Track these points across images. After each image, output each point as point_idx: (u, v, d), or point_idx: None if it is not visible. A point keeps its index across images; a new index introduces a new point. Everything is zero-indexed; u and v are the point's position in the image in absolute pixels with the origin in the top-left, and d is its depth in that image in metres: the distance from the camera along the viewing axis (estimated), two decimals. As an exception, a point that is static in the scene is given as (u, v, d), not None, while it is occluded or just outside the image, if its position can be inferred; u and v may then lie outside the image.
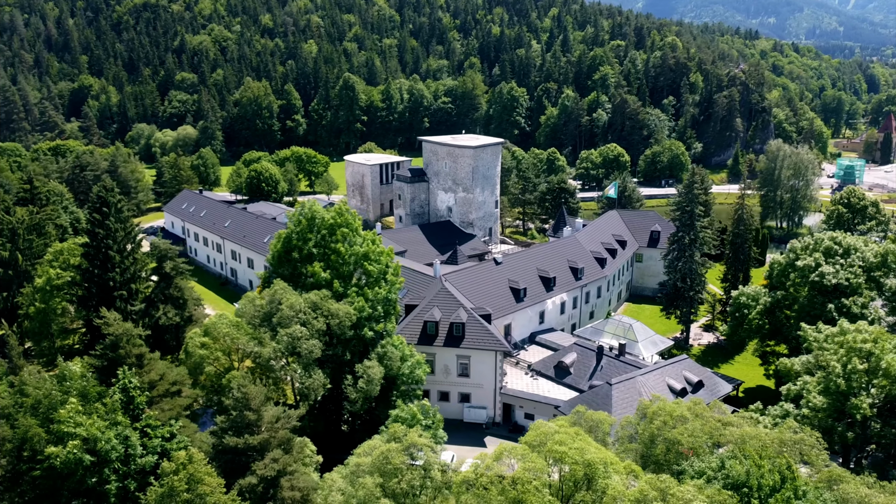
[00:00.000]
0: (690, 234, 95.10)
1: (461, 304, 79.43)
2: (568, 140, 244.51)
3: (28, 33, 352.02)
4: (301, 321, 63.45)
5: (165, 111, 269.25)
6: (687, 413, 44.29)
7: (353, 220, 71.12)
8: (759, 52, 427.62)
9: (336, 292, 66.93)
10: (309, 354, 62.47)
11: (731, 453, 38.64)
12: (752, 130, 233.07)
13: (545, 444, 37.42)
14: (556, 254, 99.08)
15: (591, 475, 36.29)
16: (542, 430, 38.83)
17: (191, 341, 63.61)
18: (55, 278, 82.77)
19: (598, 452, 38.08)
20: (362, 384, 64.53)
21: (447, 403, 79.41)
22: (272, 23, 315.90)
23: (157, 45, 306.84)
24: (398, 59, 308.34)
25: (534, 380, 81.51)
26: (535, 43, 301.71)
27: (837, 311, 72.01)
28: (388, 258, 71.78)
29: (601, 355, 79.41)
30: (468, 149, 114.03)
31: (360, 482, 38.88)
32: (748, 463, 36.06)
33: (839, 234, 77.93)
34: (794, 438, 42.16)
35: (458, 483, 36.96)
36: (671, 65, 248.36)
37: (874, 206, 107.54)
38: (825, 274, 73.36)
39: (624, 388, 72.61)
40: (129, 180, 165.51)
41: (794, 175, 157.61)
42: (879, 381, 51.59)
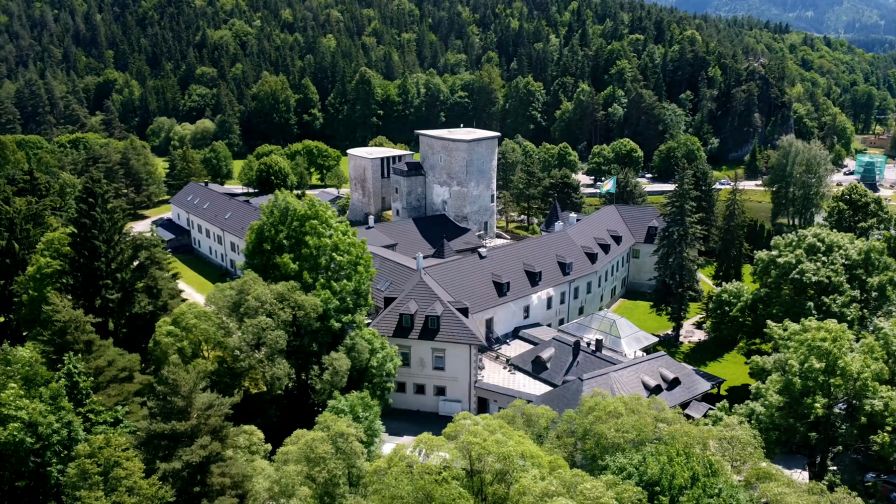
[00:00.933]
0: (680, 230, 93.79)
1: (438, 297, 79.48)
2: (583, 135, 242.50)
3: (58, 28, 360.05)
4: (267, 312, 64.17)
5: (185, 105, 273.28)
6: (622, 408, 43.79)
7: (325, 212, 71.56)
8: (787, 46, 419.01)
9: (304, 283, 67.47)
10: (274, 345, 63.23)
11: (653, 450, 38.16)
12: (770, 126, 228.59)
13: (460, 435, 37.38)
14: (544, 249, 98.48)
15: (505, 468, 36.18)
16: (461, 422, 38.78)
17: (159, 330, 64.76)
18: (45, 267, 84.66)
19: (518, 446, 37.94)
20: (328, 375, 65.01)
21: (423, 396, 79.72)
22: (292, 17, 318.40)
23: (179, 39, 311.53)
24: (416, 54, 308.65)
25: (511, 374, 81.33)
26: (553, 37, 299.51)
27: (817, 309, 70.55)
28: (360, 250, 72.05)
29: (578, 351, 78.85)
30: (462, 142, 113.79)
31: (283, 469, 39.31)
32: (663, 460, 35.61)
33: (823, 231, 76.24)
34: (728, 436, 41.47)
35: (370, 472, 37.11)
36: (689, 59, 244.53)
37: (876, 202, 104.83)
38: (805, 271, 71.89)
39: (595, 384, 71.90)
40: (141, 173, 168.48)
41: (805, 171, 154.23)
42: (835, 381, 50.38)
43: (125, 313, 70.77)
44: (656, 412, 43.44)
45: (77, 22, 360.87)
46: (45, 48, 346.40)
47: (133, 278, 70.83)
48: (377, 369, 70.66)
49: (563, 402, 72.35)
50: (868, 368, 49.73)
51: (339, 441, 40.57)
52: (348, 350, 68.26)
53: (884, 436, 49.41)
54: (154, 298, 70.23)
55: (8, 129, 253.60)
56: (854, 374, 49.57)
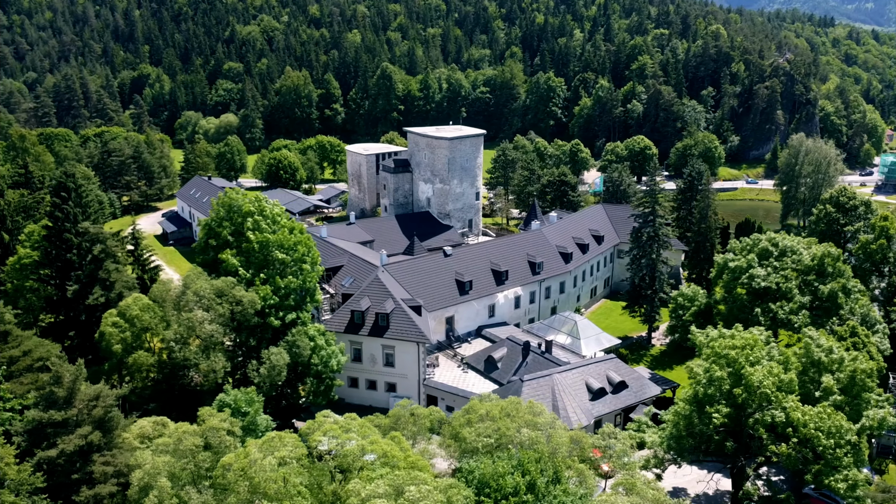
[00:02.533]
0: (650, 231, 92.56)
1: (391, 294, 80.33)
2: (602, 131, 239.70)
3: (98, 24, 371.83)
4: (205, 306, 66.01)
5: (212, 99, 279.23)
6: (496, 411, 43.95)
7: (272, 210, 73.00)
8: (830, 40, 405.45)
9: (244, 279, 69.06)
10: (208, 339, 65.07)
11: (503, 455, 38.37)
12: (794, 123, 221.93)
13: (313, 434, 38.24)
14: (515, 248, 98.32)
15: (344, 466, 36.92)
16: (319, 420, 39.62)
17: (105, 321, 67.24)
18: (25, 258, 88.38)
19: (370, 445, 38.63)
20: (264, 370, 66.61)
21: (375, 392, 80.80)
22: (319, 13, 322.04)
23: (209, 35, 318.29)
24: (441, 49, 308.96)
25: (464, 373, 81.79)
26: (578, 32, 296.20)
27: (764, 315, 69.08)
28: (305, 248, 73.27)
29: (528, 352, 78.84)
30: (444, 140, 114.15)
31: (154, 461, 40.78)
32: (501, 465, 35.88)
33: (778, 236, 74.39)
34: (602, 445, 41.38)
35: (220, 466, 38.21)
36: (712, 54, 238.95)
37: (865, 205, 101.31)
38: (755, 276, 70.39)
39: (535, 385, 72.03)
40: (153, 166, 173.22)
41: (814, 171, 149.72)
42: (738, 390, 49.45)
43: (80, 305, 73.51)
44: (531, 417, 43.38)
45: (117, 18, 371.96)
46: (85, 43, 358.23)
47: (87, 271, 73.45)
48: (321, 365, 72.01)
49: (503, 402, 72.70)
50: (770, 379, 48.65)
51: (209, 435, 41.82)
52: (290, 346, 69.79)
53: (783, 447, 48.33)
54: (107, 291, 72.71)
55: (44, 122, 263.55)
56: (755, 385, 48.56)
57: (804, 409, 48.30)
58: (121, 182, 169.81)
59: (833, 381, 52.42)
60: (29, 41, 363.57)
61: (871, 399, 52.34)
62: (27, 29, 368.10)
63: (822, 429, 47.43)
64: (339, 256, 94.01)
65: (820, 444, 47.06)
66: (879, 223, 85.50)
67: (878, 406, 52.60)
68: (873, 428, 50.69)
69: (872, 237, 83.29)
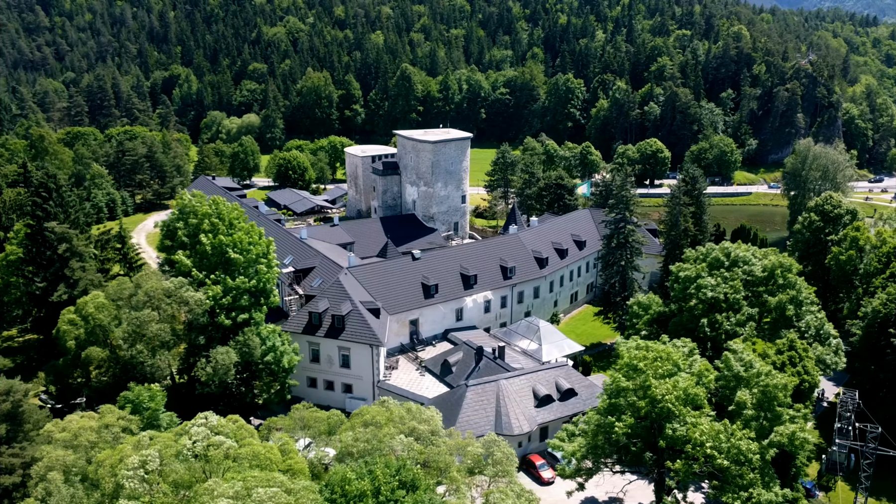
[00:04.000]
0: (619, 238, 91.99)
1: (349, 296, 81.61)
2: (618, 133, 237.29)
3: (135, 25, 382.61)
4: (154, 306, 68.33)
5: (237, 99, 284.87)
6: (380, 418, 44.78)
7: (229, 213, 74.92)
8: (871, 40, 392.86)
9: (196, 280, 71.16)
10: (154, 337, 67.36)
11: (368, 459, 39.24)
12: (816, 127, 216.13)
13: (182, 436, 39.68)
14: (488, 252, 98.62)
15: (215, 469, 38.26)
16: (198, 420, 41.01)
17: (62, 318, 70.09)
18: (10, 254, 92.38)
19: (244, 448, 39.92)
20: (209, 369, 68.67)
21: (332, 392, 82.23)
22: (344, 14, 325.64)
23: (238, 36, 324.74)
24: (463, 50, 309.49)
25: (421, 376, 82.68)
26: (600, 33, 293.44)
27: (710, 326, 68.29)
28: (260, 250, 75.03)
29: (480, 357, 79.31)
30: (428, 143, 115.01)
31: (49, 455, 42.77)
32: (349, 469, 36.78)
33: (732, 246, 73.26)
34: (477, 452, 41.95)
35: (94, 462, 39.91)
36: (732, 56, 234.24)
37: (851, 214, 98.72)
38: (702, 287, 69.59)
39: (480, 391, 72.63)
40: (166, 166, 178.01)
41: (821, 178, 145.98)
42: (641, 402, 49.24)
43: (47, 301, 76.73)
44: (415, 424, 44.00)
45: (152, 19, 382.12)
46: (122, 44, 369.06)
47: (53, 269, 76.51)
48: (273, 364, 73.79)
49: (447, 405, 73.40)
50: (673, 392, 48.33)
51: (103, 431, 43.66)
52: (240, 345, 71.69)
53: (679, 463, 47.93)
54: (70, 288, 75.68)
55: (76, 121, 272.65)
56: (657, 397, 48.29)
57: (702, 425, 47.89)
58: (134, 180, 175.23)
59: (748, 396, 51.82)
60: (69, 42, 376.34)
61: (785, 414, 51.52)
62: (68, 30, 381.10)
63: (719, 446, 46.99)
64: (312, 258, 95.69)
65: (716, 461, 46.62)
66: (851, 233, 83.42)
67: (791, 421, 51.73)
68: (783, 444, 49.88)
69: (843, 248, 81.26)
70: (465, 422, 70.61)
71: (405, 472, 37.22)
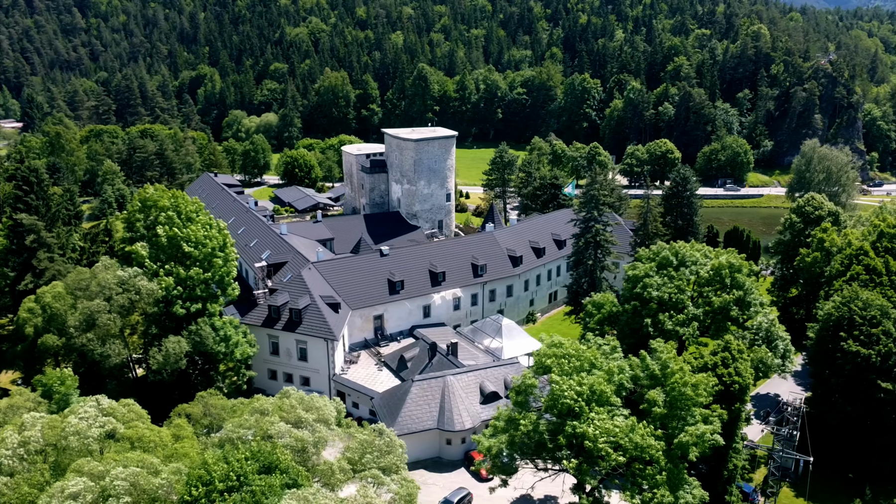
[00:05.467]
0: (588, 237, 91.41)
1: (308, 291, 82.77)
2: (632, 134, 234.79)
3: (166, 26, 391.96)
4: (106, 296, 70.42)
5: (257, 98, 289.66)
6: (270, 406, 45.64)
7: (187, 206, 76.71)
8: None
9: (150, 271, 73.04)
10: (104, 326, 69.40)
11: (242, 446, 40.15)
12: (834, 128, 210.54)
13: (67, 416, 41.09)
14: (459, 249, 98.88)
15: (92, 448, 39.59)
16: (75, 408, 42.43)
17: (22, 307, 72.69)
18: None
19: (130, 430, 41.21)
20: (160, 357, 70.49)
21: (291, 385, 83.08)
22: (365, 14, 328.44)
23: (262, 36, 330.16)
24: (483, 50, 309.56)
25: (379, 371, 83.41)
26: (619, 32, 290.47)
27: (653, 326, 67.61)
28: (217, 243, 76.58)
29: (434, 353, 79.73)
30: (410, 141, 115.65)
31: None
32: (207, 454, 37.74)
33: (682, 246, 72.26)
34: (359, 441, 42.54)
35: None
36: (750, 55, 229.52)
37: (832, 215, 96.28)
38: (648, 286, 68.91)
39: (426, 386, 73.11)
40: (175, 163, 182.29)
41: (825, 180, 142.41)
42: (544, 399, 49.15)
43: (15, 290, 79.59)
44: (300, 413, 44.56)
45: (183, 20, 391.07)
46: (153, 45, 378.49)
47: (21, 259, 79.30)
48: (225, 354, 75.40)
49: (394, 400, 74.18)
50: (573, 389, 48.09)
51: (8, 412, 45.42)
52: (192, 335, 73.35)
53: (574, 462, 47.63)
54: (37, 278, 78.37)
55: (104, 120, 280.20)
56: (558, 394, 48.11)
57: (598, 421, 47.55)
58: (145, 177, 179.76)
59: (659, 395, 51.30)
60: (103, 43, 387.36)
61: (698, 414, 50.82)
62: (102, 31, 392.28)
63: (617, 443, 46.66)
64: (286, 253, 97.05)
65: (611, 457, 46.33)
66: (819, 235, 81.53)
67: (706, 422, 50.99)
68: (689, 444, 49.19)
69: (810, 251, 79.54)
70: (407, 416, 71.21)
71: (264, 456, 37.96)
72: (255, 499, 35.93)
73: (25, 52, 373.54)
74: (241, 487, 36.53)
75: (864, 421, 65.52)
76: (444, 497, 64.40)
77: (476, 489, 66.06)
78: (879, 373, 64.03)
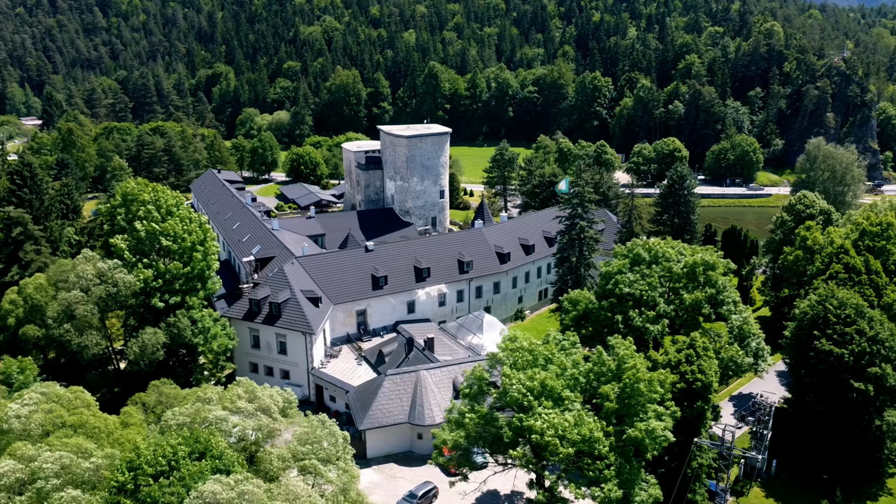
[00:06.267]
0: (571, 234, 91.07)
1: (289, 285, 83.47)
2: (642, 132, 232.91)
3: (185, 26, 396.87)
4: (84, 288, 71.70)
5: (270, 97, 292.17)
6: (214, 395, 46.18)
7: (166, 201, 77.79)
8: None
9: (128, 263, 74.20)
10: (82, 317, 70.65)
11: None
12: (847, 127, 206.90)
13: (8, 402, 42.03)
14: (446, 246, 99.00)
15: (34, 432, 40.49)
16: (29, 390, 43.34)
17: (5, 298, 74.32)
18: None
19: (73, 417, 41.97)
20: (136, 348, 71.62)
21: (271, 378, 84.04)
22: (379, 13, 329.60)
23: (276, 35, 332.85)
24: (496, 48, 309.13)
25: (359, 365, 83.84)
26: (632, 30, 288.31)
27: (623, 322, 67.23)
28: (196, 238, 77.50)
29: (411, 347, 79.98)
30: (402, 138, 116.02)
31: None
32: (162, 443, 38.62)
33: (657, 242, 71.70)
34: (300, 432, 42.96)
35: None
36: (762, 53, 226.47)
37: (824, 214, 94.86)
38: (619, 283, 68.53)
39: (398, 380, 73.45)
40: (183, 160, 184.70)
41: (830, 179, 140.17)
42: (494, 392, 49.15)
43: (2, 281, 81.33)
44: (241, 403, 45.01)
45: (201, 20, 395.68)
46: (172, 44, 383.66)
47: (7, 251, 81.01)
48: (203, 346, 76.38)
49: (367, 394, 74.58)
50: (522, 383, 48.02)
51: (-37, 398, 46.56)
52: (168, 326, 74.39)
53: (518, 451, 47.55)
54: (23, 269, 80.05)
55: (120, 117, 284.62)
56: (506, 387, 48.12)
57: (544, 414, 47.44)
58: (152, 173, 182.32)
59: (613, 390, 51.05)
60: (123, 42, 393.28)
61: (650, 410, 50.49)
62: (122, 30, 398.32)
63: (563, 436, 46.54)
64: (274, 248, 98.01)
65: (558, 449, 46.22)
66: (802, 233, 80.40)
67: (658, 419, 50.62)
68: (639, 439, 48.87)
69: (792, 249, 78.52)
70: (378, 410, 71.59)
71: (196, 442, 38.54)
72: (183, 483, 36.46)
73: (48, 51, 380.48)
74: (172, 472, 37.07)
75: (837, 421, 64.51)
76: (409, 490, 64.71)
77: (443, 484, 66.22)
78: (852, 372, 62.99)
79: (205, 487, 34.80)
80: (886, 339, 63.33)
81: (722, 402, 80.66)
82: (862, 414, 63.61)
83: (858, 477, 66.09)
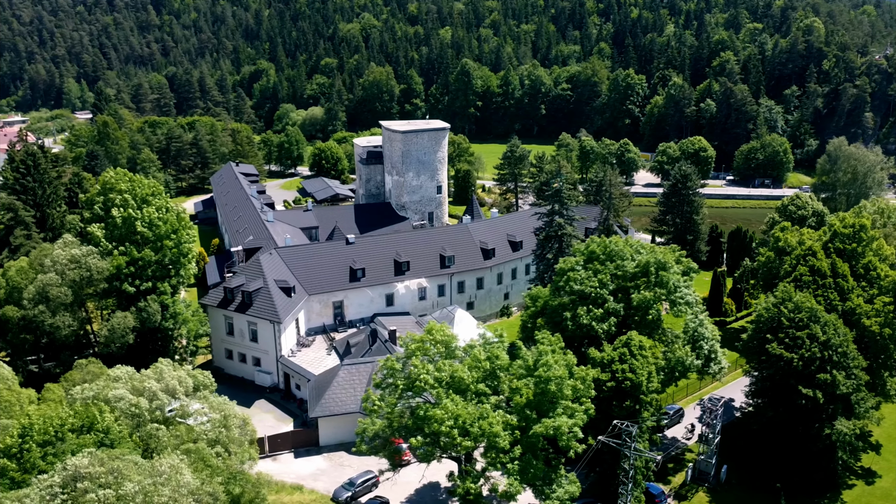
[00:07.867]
0: (549, 231, 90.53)
1: (263, 274, 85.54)
2: (672, 131, 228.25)
3: (233, 23, 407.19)
4: (58, 271, 75.15)
5: (307, 92, 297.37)
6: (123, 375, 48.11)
7: (143, 190, 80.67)
8: None
9: (103, 249, 77.37)
10: (56, 299, 74.06)
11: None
12: (886, 127, 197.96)
13: None
14: (429, 240, 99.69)
15: None
16: None
17: (-11, 279, 78.36)
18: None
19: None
20: (106, 331, 74.72)
21: (245, 365, 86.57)
22: (417, 10, 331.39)
23: (317, 32, 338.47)
24: (532, 45, 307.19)
25: (328, 355, 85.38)
26: (670, 26, 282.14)
27: (571, 320, 66.70)
28: (170, 227, 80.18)
29: (374, 339, 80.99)
30: (398, 133, 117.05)
31: None
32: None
33: (614, 240, 70.65)
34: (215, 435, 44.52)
35: None
36: (800, 50, 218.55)
37: (817, 215, 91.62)
38: (571, 280, 67.96)
39: (354, 371, 74.74)
40: (209, 153, 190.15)
41: (851, 181, 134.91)
42: (401, 383, 49.66)
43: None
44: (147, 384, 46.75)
45: (248, 17, 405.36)
46: (220, 41, 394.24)
47: (2, 237, 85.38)
48: (173, 330, 79.21)
49: (324, 382, 75.98)
50: (430, 374, 48.37)
51: None
52: (139, 311, 77.30)
53: (417, 439, 47.82)
54: (12, 254, 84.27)
55: (164, 112, 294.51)
56: (413, 377, 48.53)
57: (451, 407, 47.70)
58: (180, 165, 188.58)
59: (528, 386, 50.93)
60: (174, 39, 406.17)
61: (561, 406, 50.15)
62: (174, 28, 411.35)
63: (462, 427, 46.76)
64: (263, 240, 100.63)
65: (457, 441, 46.48)
66: (776, 233, 78.02)
67: (570, 416, 50.23)
68: (543, 434, 48.60)
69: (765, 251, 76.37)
70: (331, 399, 72.89)
71: (84, 415, 40.40)
72: (63, 453, 38.38)
73: (104, 48, 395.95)
74: (57, 443, 39.02)
75: (787, 429, 62.55)
76: (348, 478, 65.80)
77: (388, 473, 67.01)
78: (802, 378, 61.02)
79: (73, 460, 36.45)
80: (839, 345, 61.10)
81: (688, 406, 79.13)
82: (812, 422, 61.54)
83: (811, 487, 63.94)
